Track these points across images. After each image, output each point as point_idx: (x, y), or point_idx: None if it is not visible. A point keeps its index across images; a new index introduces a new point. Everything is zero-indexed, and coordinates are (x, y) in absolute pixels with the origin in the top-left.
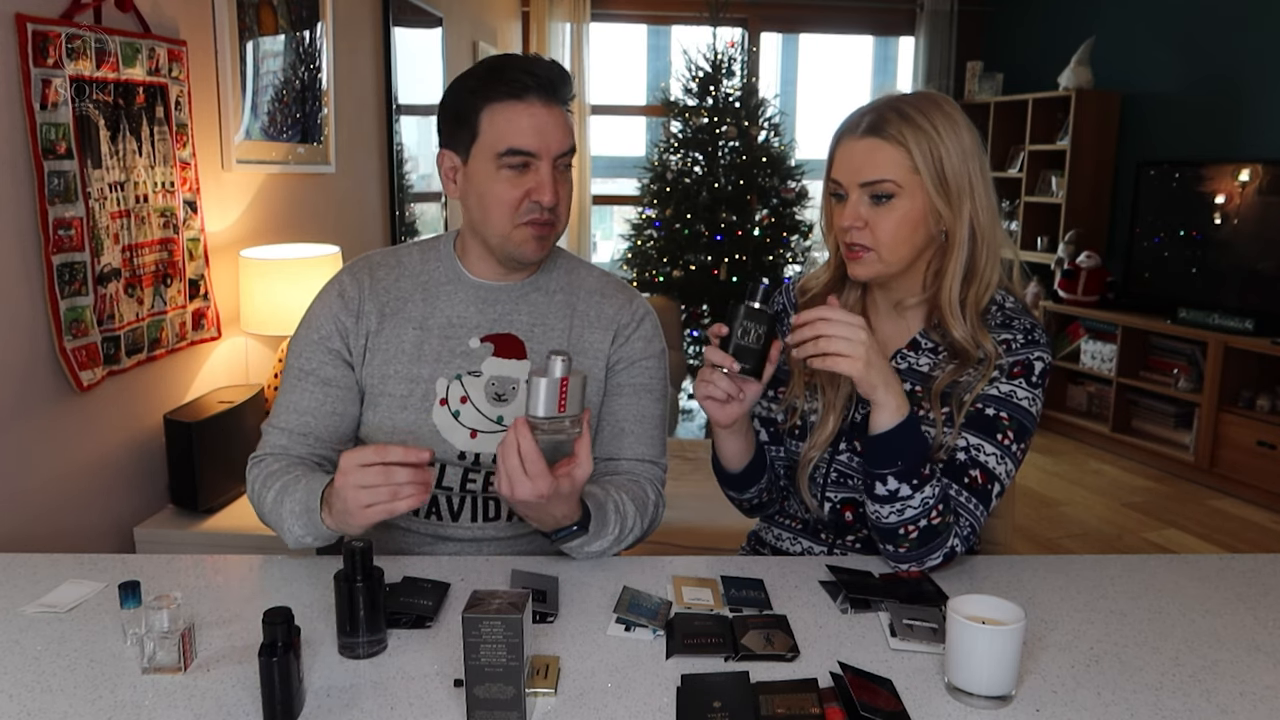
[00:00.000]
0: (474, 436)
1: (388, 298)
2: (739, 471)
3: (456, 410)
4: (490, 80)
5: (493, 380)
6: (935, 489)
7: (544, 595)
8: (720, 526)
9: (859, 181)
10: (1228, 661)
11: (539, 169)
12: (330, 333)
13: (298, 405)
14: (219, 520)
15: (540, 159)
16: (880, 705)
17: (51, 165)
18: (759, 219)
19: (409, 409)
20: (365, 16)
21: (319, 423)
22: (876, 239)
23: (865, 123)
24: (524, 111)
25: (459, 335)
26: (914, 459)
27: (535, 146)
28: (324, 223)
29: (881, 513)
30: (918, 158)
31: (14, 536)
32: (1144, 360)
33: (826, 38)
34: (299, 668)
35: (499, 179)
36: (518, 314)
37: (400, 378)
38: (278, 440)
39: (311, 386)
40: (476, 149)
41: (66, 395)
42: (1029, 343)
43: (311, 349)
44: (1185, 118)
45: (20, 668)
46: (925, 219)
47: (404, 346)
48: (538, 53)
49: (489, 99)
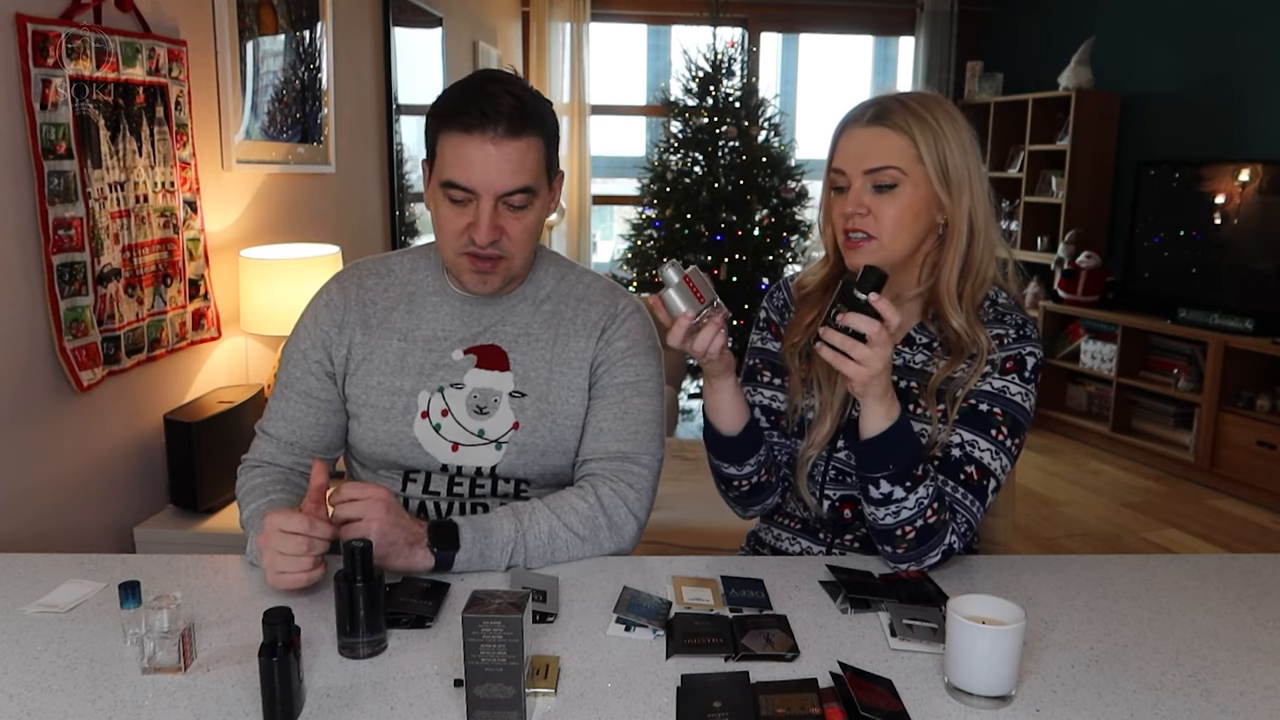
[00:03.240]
0: (455, 450)
1: (373, 308)
2: (737, 434)
3: (437, 424)
4: (451, 108)
5: (475, 393)
6: (929, 488)
7: (544, 595)
8: (720, 526)
9: (863, 169)
10: (1228, 661)
11: (479, 206)
12: (313, 345)
13: (285, 413)
14: (219, 520)
15: (480, 197)
16: (880, 705)
17: (51, 165)
18: (759, 219)
19: (391, 421)
20: (365, 16)
21: (304, 433)
22: (879, 226)
23: (870, 113)
24: (473, 146)
25: (442, 348)
26: (905, 461)
27: (474, 184)
28: (324, 223)
29: (878, 515)
30: (922, 147)
31: (14, 536)
32: (1144, 360)
33: (826, 38)
34: (299, 668)
35: (444, 205)
36: (502, 326)
37: (383, 389)
38: (266, 449)
39: (296, 398)
40: (433, 171)
41: (66, 395)
42: (1020, 338)
43: (297, 361)
44: (1185, 118)
45: (20, 668)
46: (927, 208)
47: (387, 358)
48: (519, 76)
49: (445, 127)
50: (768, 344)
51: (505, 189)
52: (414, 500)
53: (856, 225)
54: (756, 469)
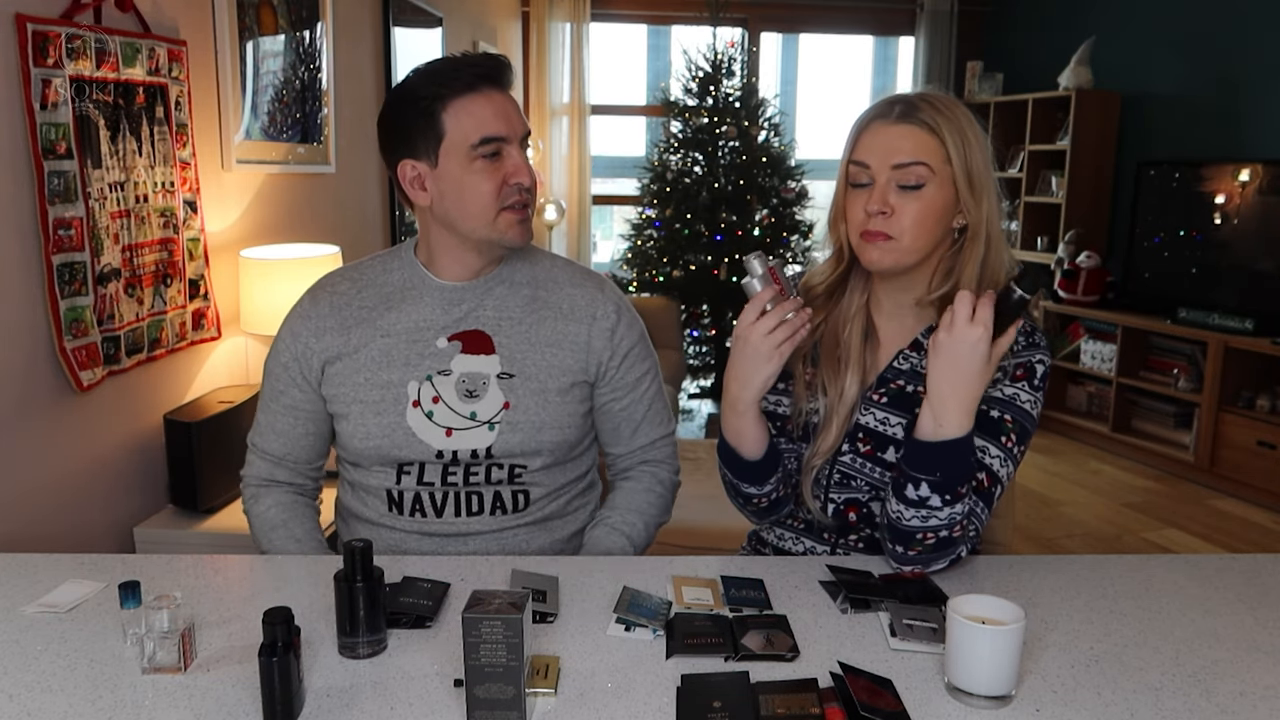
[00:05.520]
0: (449, 435)
1: (349, 311)
2: (762, 457)
3: (430, 411)
4: (440, 81)
5: (463, 377)
6: (965, 506)
7: (544, 595)
8: (720, 526)
9: (891, 163)
10: (1228, 661)
11: (510, 153)
12: (293, 358)
13: (274, 427)
14: (219, 520)
15: (510, 142)
16: (880, 705)
17: (51, 165)
18: (759, 219)
19: (382, 414)
20: (365, 16)
21: (295, 445)
22: (900, 226)
23: (898, 110)
24: (484, 101)
25: (425, 337)
26: (955, 476)
27: (505, 130)
28: (324, 223)
29: (904, 514)
30: (950, 148)
31: (14, 536)
32: (1144, 360)
33: (826, 38)
34: (299, 668)
35: (474, 170)
36: (483, 309)
37: (371, 384)
38: (262, 466)
39: (282, 412)
40: (445, 148)
41: (66, 395)
42: (1030, 345)
43: (278, 374)
44: (1185, 118)
45: (20, 668)
46: (948, 211)
47: (372, 354)
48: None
49: (446, 98)
50: None
51: (524, 129)
52: (409, 493)
53: (878, 226)
54: (776, 486)
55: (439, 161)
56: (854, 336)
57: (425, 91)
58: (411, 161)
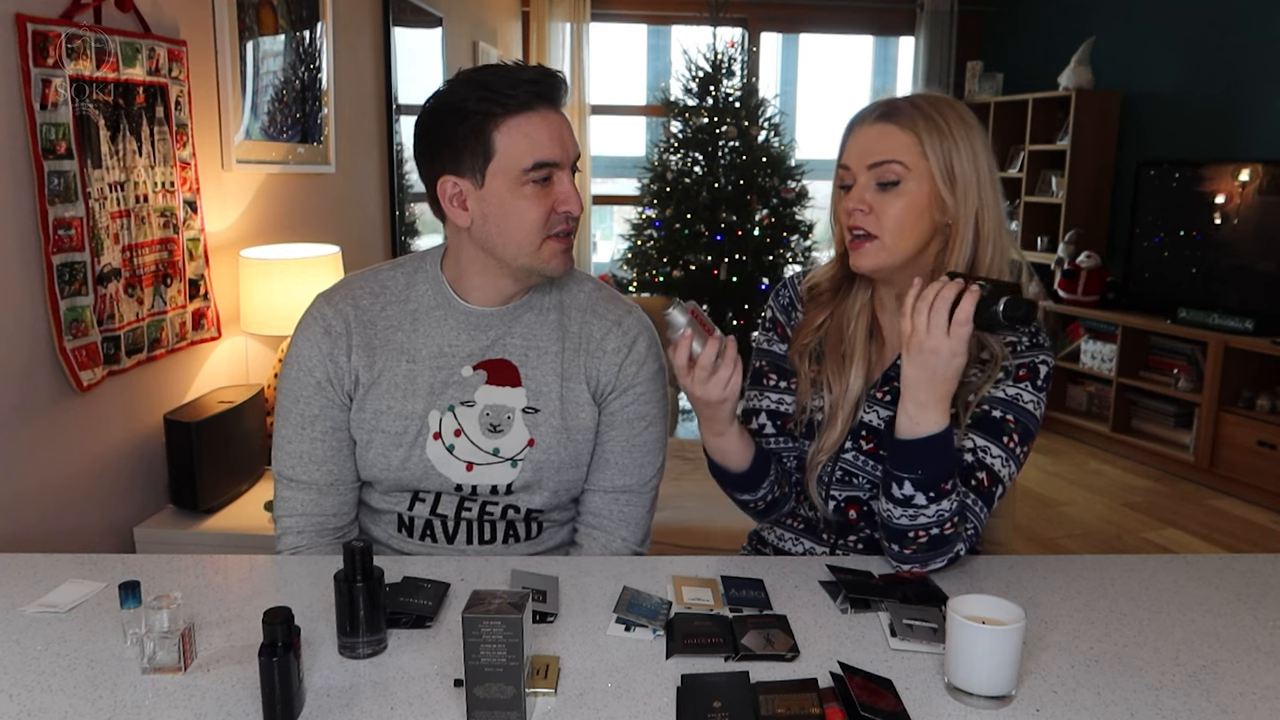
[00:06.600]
0: (470, 469)
1: (374, 329)
2: (748, 468)
3: (451, 444)
4: (493, 96)
5: (487, 410)
6: (953, 503)
7: (544, 595)
8: (720, 526)
9: (867, 164)
10: (1228, 661)
11: (561, 179)
12: (325, 380)
13: (315, 455)
14: (219, 520)
15: (562, 168)
16: (880, 705)
17: (51, 165)
18: (759, 219)
19: (402, 446)
20: (365, 16)
21: (341, 469)
22: (881, 225)
23: (878, 111)
24: (541, 122)
25: (450, 364)
26: (936, 472)
27: (559, 156)
28: (324, 223)
29: (894, 513)
30: (927, 144)
31: (14, 536)
32: (1144, 360)
33: (826, 38)
34: (299, 668)
35: (522, 196)
36: (510, 338)
37: (393, 414)
38: (303, 501)
39: (322, 436)
40: (494, 169)
41: (66, 395)
42: (1034, 346)
43: (311, 397)
44: (1185, 118)
45: (20, 668)
46: (930, 208)
47: (396, 380)
48: (519, 60)
49: (499, 115)
50: (774, 345)
51: (577, 153)
52: (420, 520)
53: (858, 223)
54: (770, 488)
55: (485, 181)
56: (859, 334)
57: (476, 105)
58: (454, 178)
